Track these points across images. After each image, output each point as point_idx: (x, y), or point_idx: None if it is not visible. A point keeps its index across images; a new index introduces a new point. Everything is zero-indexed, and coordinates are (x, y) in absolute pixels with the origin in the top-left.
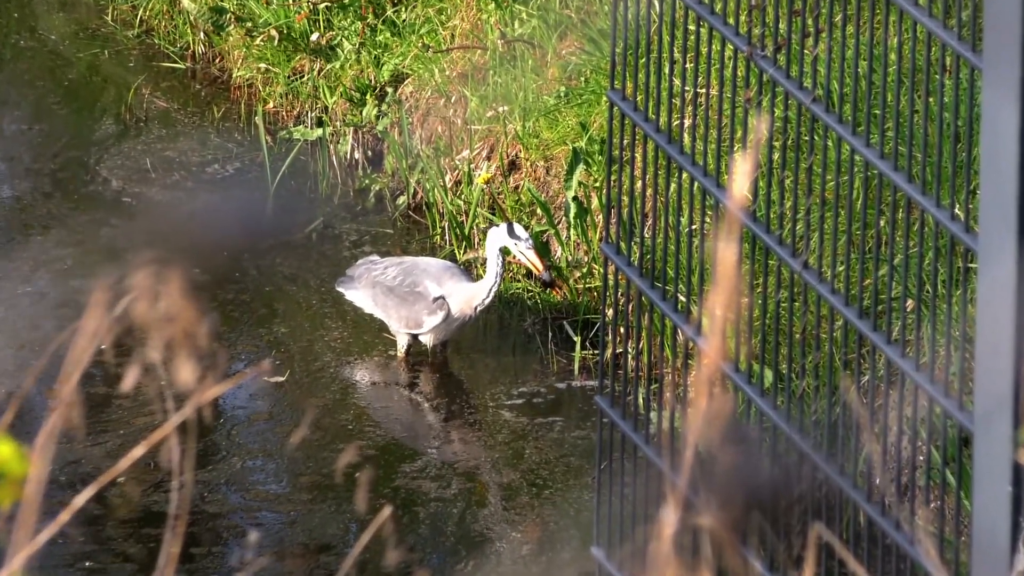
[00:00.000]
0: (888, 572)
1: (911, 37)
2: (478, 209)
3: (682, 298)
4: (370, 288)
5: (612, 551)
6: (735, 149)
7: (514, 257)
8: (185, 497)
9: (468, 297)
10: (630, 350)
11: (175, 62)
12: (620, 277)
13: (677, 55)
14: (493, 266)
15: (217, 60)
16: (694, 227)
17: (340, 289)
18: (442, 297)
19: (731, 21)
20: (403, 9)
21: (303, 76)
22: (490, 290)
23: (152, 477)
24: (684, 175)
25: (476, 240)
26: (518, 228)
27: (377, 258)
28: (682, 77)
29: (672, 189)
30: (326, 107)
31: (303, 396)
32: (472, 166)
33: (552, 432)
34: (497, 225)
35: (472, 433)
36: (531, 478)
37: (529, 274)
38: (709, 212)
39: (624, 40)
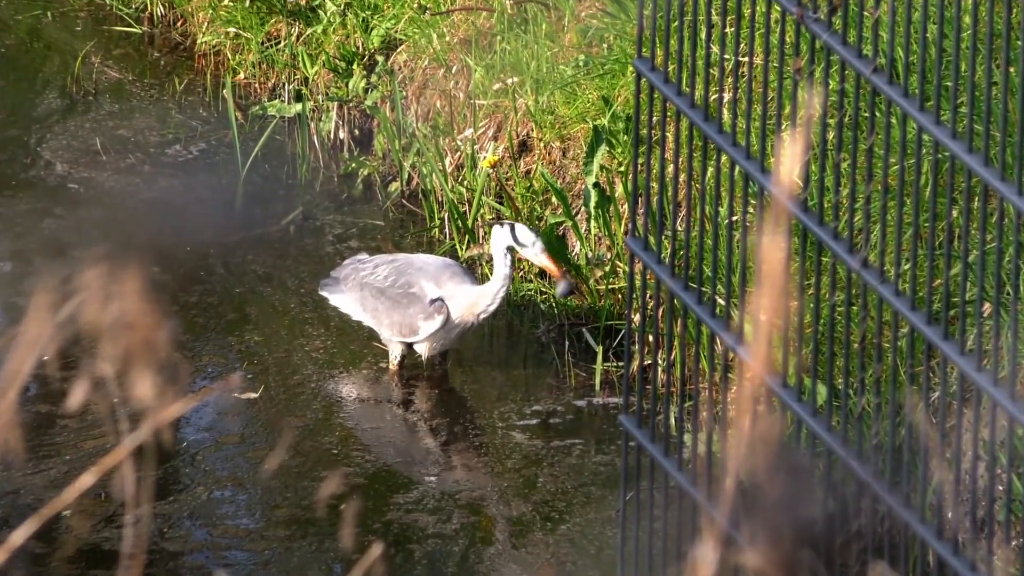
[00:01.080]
0: None
1: None
2: (483, 198)
3: (721, 301)
4: (358, 290)
5: None
6: (783, 128)
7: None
8: (141, 533)
9: (471, 301)
10: (660, 362)
11: (130, 26)
12: (648, 277)
13: (715, 18)
14: (500, 267)
15: (179, 23)
16: (735, 218)
17: (323, 293)
18: (440, 299)
19: None
20: None
21: (279, 42)
22: (496, 295)
23: (103, 510)
24: (723, 158)
25: (480, 234)
26: (522, 231)
27: (366, 256)
28: (721, 44)
29: (709, 174)
30: (306, 79)
31: (280, 415)
32: (476, 147)
33: (570, 457)
34: (502, 222)
35: (476, 458)
36: (545, 511)
37: (544, 272)
38: (752, 201)
39: (654, 1)
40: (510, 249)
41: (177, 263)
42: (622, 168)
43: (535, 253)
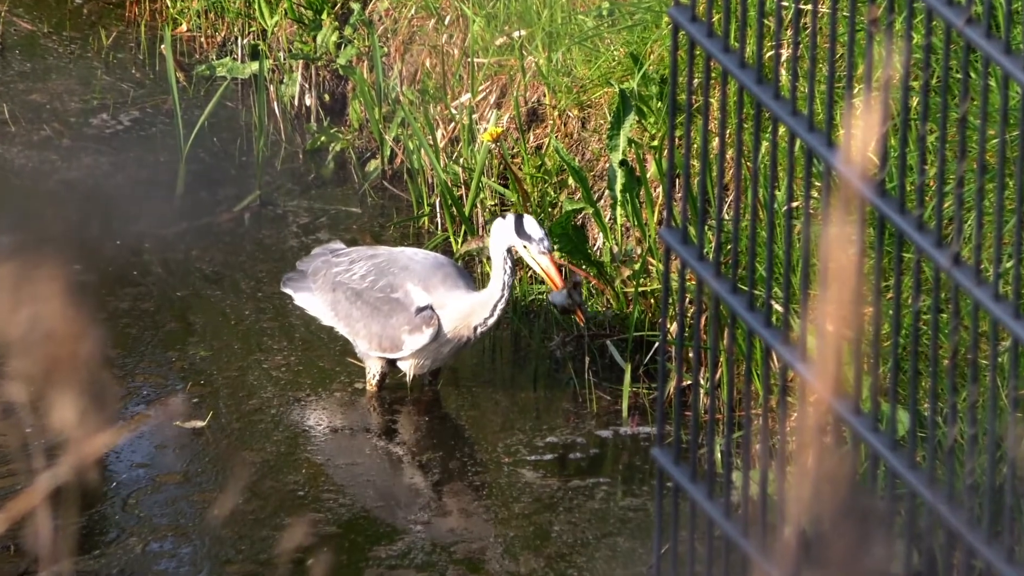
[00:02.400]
0: None
1: None
2: (483, 179)
3: (778, 307)
4: (329, 291)
5: None
6: (854, 92)
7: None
8: None
9: (465, 312)
10: (702, 382)
11: None
12: (688, 277)
13: None
14: (500, 272)
15: None
16: (795, 205)
17: (287, 290)
18: (430, 307)
19: None
20: None
21: None
22: (495, 305)
23: (12, 567)
24: (780, 129)
25: (479, 224)
26: (530, 223)
27: (340, 246)
28: None
29: (763, 150)
30: (263, 31)
31: (232, 448)
32: (475, 117)
33: (592, 500)
34: (505, 213)
35: (476, 501)
36: (561, 567)
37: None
38: (817, 183)
39: None
40: (511, 249)
41: (104, 260)
42: (655, 143)
43: (536, 252)
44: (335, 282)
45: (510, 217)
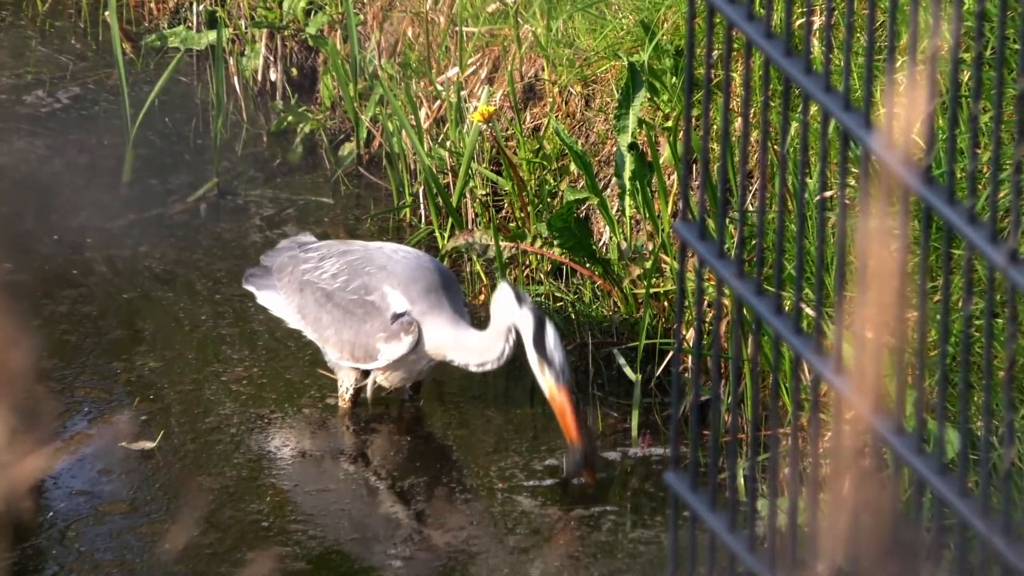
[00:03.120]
0: None
1: None
2: (473, 165)
3: (809, 311)
4: (296, 291)
5: None
6: (896, 66)
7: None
8: None
9: (443, 344)
10: (722, 397)
11: None
12: (707, 276)
13: None
14: (500, 340)
15: None
16: (828, 195)
17: (249, 287)
18: (408, 314)
19: None
20: None
21: None
22: (482, 365)
23: None
24: (812, 108)
25: (469, 216)
26: (551, 336)
27: (310, 239)
28: None
29: (792, 131)
30: None
31: (186, 473)
32: (464, 94)
33: (597, 532)
34: (521, 297)
35: (464, 534)
36: None
37: (557, 274)
38: (853, 169)
39: None
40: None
41: (40, 258)
42: (669, 123)
43: (553, 381)
44: (303, 281)
45: (535, 313)
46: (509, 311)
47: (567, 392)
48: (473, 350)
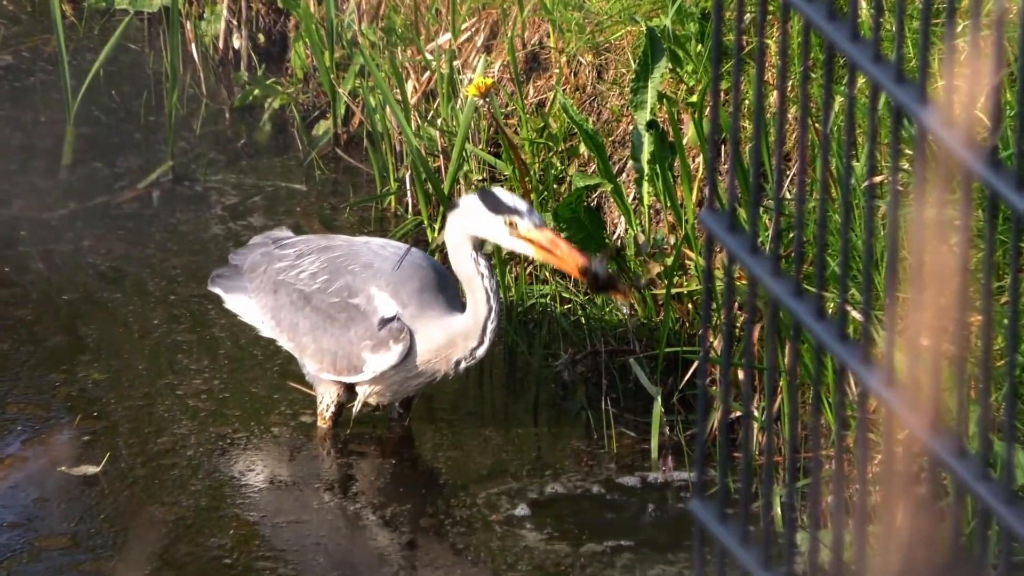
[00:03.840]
0: None
1: None
2: (468, 146)
3: (856, 315)
4: (269, 292)
5: None
6: (956, 31)
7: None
8: None
9: (442, 344)
10: (755, 414)
11: None
12: (737, 275)
13: None
14: (476, 279)
15: None
16: (877, 180)
17: (216, 290)
18: (399, 319)
19: None
20: None
21: None
22: (484, 329)
23: None
24: (859, 80)
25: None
26: (505, 194)
27: (287, 235)
28: None
29: (836, 107)
30: None
31: (135, 502)
32: (457, 65)
33: (612, 570)
34: (455, 202)
35: (458, 572)
36: None
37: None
38: (907, 150)
39: None
40: (482, 243)
41: None
42: (694, 98)
43: (530, 226)
44: (277, 281)
45: (470, 197)
46: (456, 225)
47: (549, 230)
48: (470, 330)
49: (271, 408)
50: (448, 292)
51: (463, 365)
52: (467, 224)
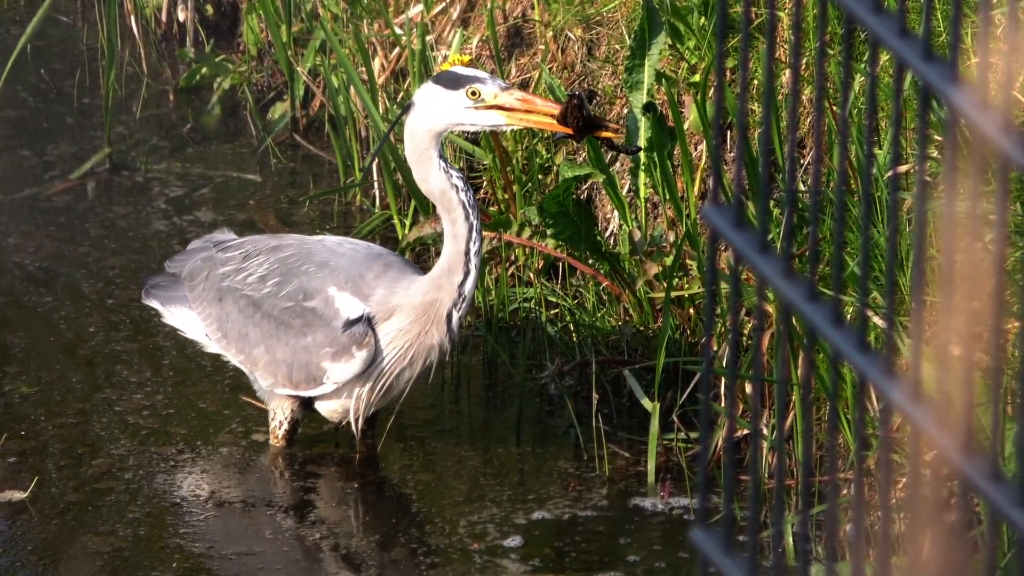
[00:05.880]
0: None
1: None
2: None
3: (878, 321)
4: (213, 302)
5: None
6: (990, 3)
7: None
8: None
9: (430, 297)
10: (764, 432)
11: None
12: (744, 275)
13: None
14: (448, 189)
15: None
16: (903, 170)
17: (153, 303)
18: (363, 319)
19: None
20: None
21: None
22: (467, 255)
23: None
24: (882, 57)
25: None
26: (461, 68)
27: (230, 236)
28: None
29: (855, 88)
30: None
31: (67, 531)
32: (430, 40)
33: None
34: (409, 104)
35: None
36: None
37: (552, 273)
38: (936, 136)
39: None
40: (444, 155)
41: None
42: (696, 77)
43: (496, 91)
44: (222, 288)
45: (424, 86)
46: (420, 122)
47: (515, 88)
48: (452, 265)
49: (220, 425)
50: (412, 268)
51: (455, 318)
52: (427, 117)
